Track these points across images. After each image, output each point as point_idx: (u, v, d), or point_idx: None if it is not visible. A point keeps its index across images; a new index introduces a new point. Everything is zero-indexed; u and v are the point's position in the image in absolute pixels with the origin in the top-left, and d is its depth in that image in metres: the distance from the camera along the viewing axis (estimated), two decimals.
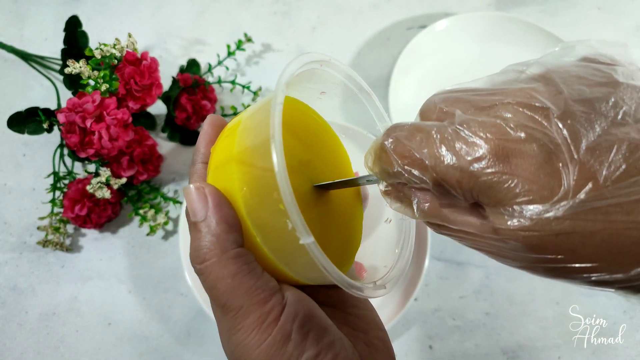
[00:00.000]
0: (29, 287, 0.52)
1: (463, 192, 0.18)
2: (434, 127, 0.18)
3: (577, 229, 0.16)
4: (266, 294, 0.20)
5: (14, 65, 0.62)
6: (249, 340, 0.19)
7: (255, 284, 0.20)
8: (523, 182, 0.16)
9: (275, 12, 0.67)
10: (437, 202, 0.19)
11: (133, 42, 0.50)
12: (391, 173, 0.19)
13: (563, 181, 0.16)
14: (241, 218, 0.21)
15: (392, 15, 0.68)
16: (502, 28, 0.64)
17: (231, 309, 0.20)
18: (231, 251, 0.20)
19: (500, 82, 0.19)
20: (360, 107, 0.28)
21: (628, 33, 0.68)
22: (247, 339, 0.20)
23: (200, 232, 0.20)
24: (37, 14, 0.66)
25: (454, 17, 0.63)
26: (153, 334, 0.50)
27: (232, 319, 0.20)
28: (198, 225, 0.20)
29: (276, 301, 0.20)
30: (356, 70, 0.63)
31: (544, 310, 0.52)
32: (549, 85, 0.17)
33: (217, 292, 0.20)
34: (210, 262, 0.20)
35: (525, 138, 0.16)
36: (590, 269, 0.16)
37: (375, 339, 0.24)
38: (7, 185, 0.56)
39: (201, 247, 0.20)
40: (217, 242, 0.20)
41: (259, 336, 0.19)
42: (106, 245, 0.53)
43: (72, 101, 0.47)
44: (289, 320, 0.20)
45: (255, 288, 0.20)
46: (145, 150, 0.52)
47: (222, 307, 0.20)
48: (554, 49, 0.20)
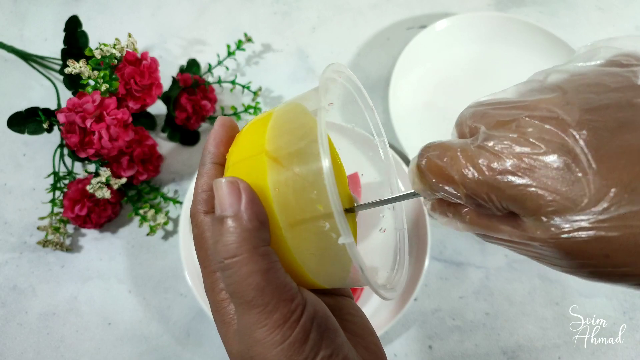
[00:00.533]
0: (29, 287, 0.52)
1: (494, 204, 0.19)
2: (459, 145, 0.19)
3: (604, 236, 0.16)
4: (292, 293, 0.20)
5: (14, 65, 0.62)
6: (272, 337, 0.20)
7: (283, 282, 0.20)
8: (547, 193, 0.17)
9: (275, 12, 0.67)
10: (475, 215, 0.21)
11: (133, 42, 0.50)
12: (430, 191, 0.21)
13: (585, 190, 0.16)
14: (270, 215, 0.21)
15: (392, 15, 0.68)
16: (502, 28, 0.64)
17: (259, 304, 0.20)
18: (261, 248, 0.20)
19: (525, 92, 0.20)
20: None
21: (628, 34, 0.68)
22: (270, 336, 0.20)
23: (229, 226, 0.20)
24: (37, 14, 0.66)
25: (453, 17, 0.63)
26: (153, 334, 0.50)
27: (258, 314, 0.20)
28: (226, 220, 0.20)
29: (300, 300, 0.20)
30: (356, 71, 0.63)
31: (544, 310, 0.52)
32: (565, 95, 0.18)
33: (247, 287, 0.20)
34: (241, 257, 0.20)
35: (545, 150, 0.17)
36: (626, 272, 0.17)
37: (371, 344, 0.24)
38: (7, 185, 0.56)
39: (231, 242, 0.20)
40: (250, 237, 0.20)
41: (283, 333, 0.20)
42: (106, 245, 0.53)
43: (72, 101, 0.47)
44: (309, 319, 0.20)
45: (283, 285, 0.20)
46: (145, 150, 0.52)
47: (249, 302, 0.20)
48: (580, 51, 0.20)
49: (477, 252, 0.55)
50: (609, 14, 0.69)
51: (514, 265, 0.54)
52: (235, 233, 0.20)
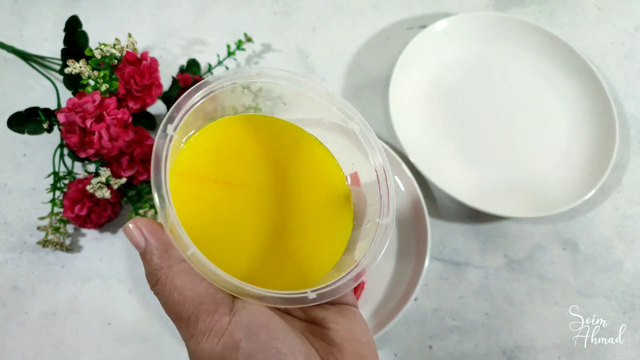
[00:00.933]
0: (29, 287, 0.52)
1: None
2: None
3: None
4: (214, 303, 0.21)
5: (14, 65, 0.62)
6: (202, 346, 0.21)
7: (204, 293, 0.21)
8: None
9: (275, 12, 0.67)
10: None
11: (133, 42, 0.50)
12: None
13: None
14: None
15: (392, 15, 0.68)
16: (502, 28, 0.64)
17: (183, 318, 0.21)
18: (175, 266, 0.22)
19: None
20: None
21: (627, 34, 0.68)
22: (200, 345, 0.21)
23: (146, 259, 0.22)
24: (37, 14, 0.66)
25: (453, 17, 0.63)
26: (153, 334, 0.50)
27: (184, 327, 0.21)
28: (144, 256, 0.23)
29: (224, 309, 0.21)
30: (356, 71, 0.63)
31: (543, 310, 0.52)
32: None
33: (170, 305, 0.22)
34: (160, 280, 0.22)
35: None
36: None
37: (352, 354, 0.24)
38: (7, 185, 0.56)
39: (151, 271, 0.22)
40: (160, 263, 0.22)
41: (211, 340, 0.20)
42: (106, 245, 0.53)
43: (72, 101, 0.47)
44: (238, 328, 0.21)
45: (203, 297, 0.21)
46: (145, 150, 0.52)
47: (176, 319, 0.22)
48: None
49: (476, 252, 0.55)
50: (608, 13, 0.70)
51: (513, 266, 0.54)
52: (149, 263, 0.22)
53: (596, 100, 0.60)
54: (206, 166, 0.26)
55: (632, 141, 0.61)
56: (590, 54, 0.67)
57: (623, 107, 0.63)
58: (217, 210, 0.25)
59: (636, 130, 0.62)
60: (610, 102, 0.59)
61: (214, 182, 0.25)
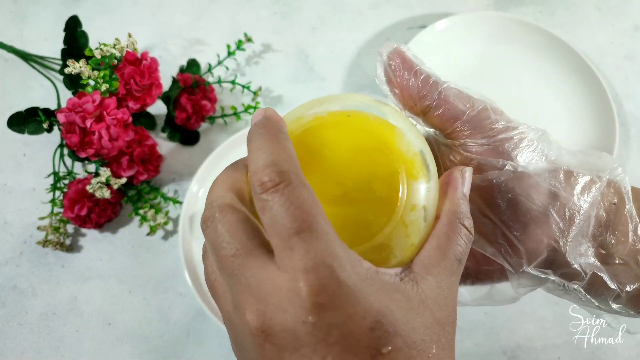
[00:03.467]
0: (29, 287, 0.52)
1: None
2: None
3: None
4: None
5: (14, 65, 0.62)
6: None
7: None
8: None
9: (275, 12, 0.67)
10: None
11: (133, 42, 0.50)
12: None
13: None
14: None
15: (392, 15, 0.68)
16: (501, 28, 0.64)
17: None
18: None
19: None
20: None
21: (627, 34, 0.68)
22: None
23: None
24: (37, 14, 0.66)
25: (453, 17, 0.63)
26: (153, 334, 0.50)
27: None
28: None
29: None
30: (356, 71, 0.63)
31: (543, 310, 0.52)
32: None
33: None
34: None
35: None
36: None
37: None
38: (7, 185, 0.56)
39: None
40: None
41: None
42: (106, 245, 0.53)
43: (72, 101, 0.47)
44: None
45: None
46: (145, 150, 0.52)
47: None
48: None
49: None
50: (608, 13, 0.70)
51: None
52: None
53: (596, 100, 0.60)
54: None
55: (632, 141, 0.61)
56: (590, 53, 0.67)
57: (623, 107, 0.63)
58: None
59: (636, 129, 0.62)
60: (610, 102, 0.59)
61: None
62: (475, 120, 0.24)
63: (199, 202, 0.54)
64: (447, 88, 0.25)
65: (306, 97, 0.69)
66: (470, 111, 0.24)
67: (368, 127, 0.24)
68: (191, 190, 0.53)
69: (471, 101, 0.25)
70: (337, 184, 0.23)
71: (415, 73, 0.26)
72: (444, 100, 0.25)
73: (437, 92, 0.25)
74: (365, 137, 0.24)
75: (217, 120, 0.59)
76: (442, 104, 0.25)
